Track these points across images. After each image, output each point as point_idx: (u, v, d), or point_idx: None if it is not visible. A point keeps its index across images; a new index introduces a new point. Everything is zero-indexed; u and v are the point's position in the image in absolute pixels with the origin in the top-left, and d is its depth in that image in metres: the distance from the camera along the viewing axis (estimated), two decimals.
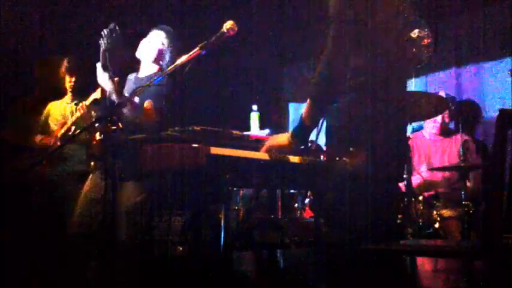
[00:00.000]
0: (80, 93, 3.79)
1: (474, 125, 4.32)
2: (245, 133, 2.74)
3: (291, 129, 2.32)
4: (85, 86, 3.74)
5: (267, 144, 2.37)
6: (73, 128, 3.56)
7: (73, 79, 3.80)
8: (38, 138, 3.74)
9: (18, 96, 4.02)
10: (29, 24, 4.31)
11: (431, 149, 4.22)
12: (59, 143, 3.56)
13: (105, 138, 2.41)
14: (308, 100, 2.16)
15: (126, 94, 3.11)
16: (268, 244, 3.73)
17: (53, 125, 3.79)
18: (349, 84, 2.08)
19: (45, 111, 3.89)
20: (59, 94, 3.91)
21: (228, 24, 2.55)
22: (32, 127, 3.83)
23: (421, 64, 4.77)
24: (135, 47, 3.34)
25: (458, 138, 4.02)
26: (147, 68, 3.29)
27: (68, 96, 3.88)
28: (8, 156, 3.78)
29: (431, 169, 4.06)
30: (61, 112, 3.83)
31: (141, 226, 3.10)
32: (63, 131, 3.60)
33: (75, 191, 3.31)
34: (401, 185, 3.60)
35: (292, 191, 4.08)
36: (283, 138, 2.29)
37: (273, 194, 4.09)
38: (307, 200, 4.21)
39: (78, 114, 3.54)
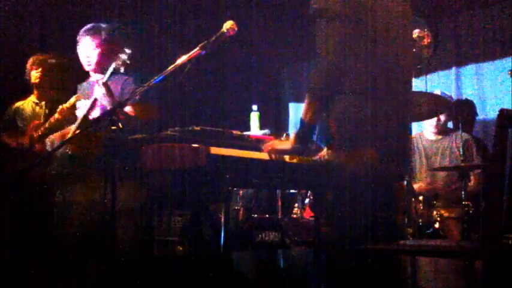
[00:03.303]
0: (45, 91, 3.75)
1: (472, 122, 4.33)
2: (245, 133, 2.74)
3: (290, 129, 2.32)
4: (50, 82, 3.72)
5: (270, 145, 2.39)
6: (47, 130, 3.50)
7: (38, 74, 3.75)
8: (12, 139, 3.68)
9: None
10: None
11: (432, 149, 4.22)
12: (37, 145, 3.52)
13: (105, 138, 2.42)
14: (306, 98, 2.17)
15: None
16: (268, 244, 3.74)
17: (22, 124, 3.74)
18: (351, 84, 2.08)
19: (11, 111, 3.82)
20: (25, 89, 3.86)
21: (228, 24, 2.55)
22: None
23: (421, 64, 4.78)
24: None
25: (458, 137, 4.01)
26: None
27: (34, 95, 3.82)
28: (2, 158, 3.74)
29: (432, 169, 4.06)
30: (30, 112, 3.77)
31: (141, 226, 3.10)
32: (40, 132, 3.54)
33: (64, 193, 3.29)
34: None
35: (292, 191, 4.09)
36: (287, 143, 2.32)
37: (273, 194, 4.10)
38: (307, 200, 4.22)
39: (57, 116, 3.47)
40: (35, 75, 3.73)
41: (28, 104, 3.79)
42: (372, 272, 1.98)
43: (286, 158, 2.47)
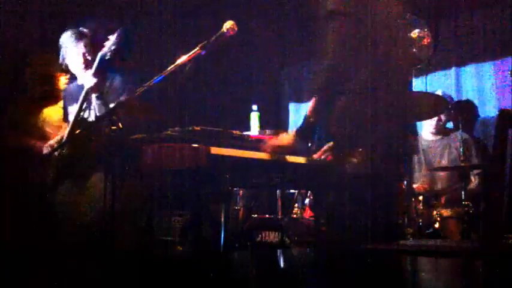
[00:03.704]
0: None
1: (472, 123, 4.33)
2: (245, 133, 2.74)
3: (290, 129, 2.32)
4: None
5: (271, 144, 2.38)
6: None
7: (67, 80, 3.75)
8: (38, 143, 3.66)
9: (16, 97, 3.95)
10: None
11: (431, 149, 4.22)
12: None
13: (105, 138, 2.42)
14: (314, 96, 2.16)
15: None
16: (268, 244, 3.73)
17: (49, 130, 3.73)
18: (350, 84, 2.09)
19: (42, 116, 3.81)
20: (51, 96, 3.84)
21: (228, 24, 2.55)
22: (30, 130, 3.77)
23: (421, 64, 4.78)
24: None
25: (458, 137, 4.02)
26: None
27: (62, 100, 3.80)
28: (7, 158, 3.74)
29: (432, 169, 4.06)
30: (58, 116, 3.77)
31: (141, 226, 3.10)
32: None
33: (64, 193, 3.29)
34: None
35: (292, 191, 4.08)
36: (288, 138, 2.30)
37: (273, 194, 4.09)
38: (307, 200, 4.21)
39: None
40: (65, 81, 3.75)
41: (55, 110, 3.78)
42: (372, 272, 1.98)
43: (290, 158, 2.47)
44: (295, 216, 4.08)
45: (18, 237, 3.45)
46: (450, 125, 4.34)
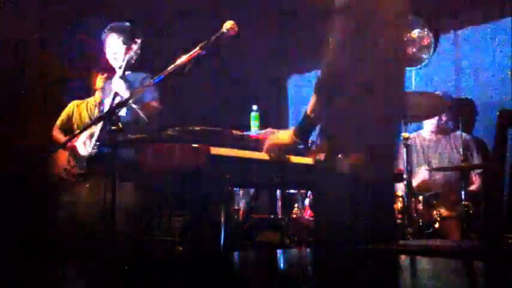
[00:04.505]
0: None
1: (473, 123, 4.33)
2: (245, 133, 2.74)
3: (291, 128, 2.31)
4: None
5: (268, 142, 2.37)
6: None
7: (104, 79, 3.78)
8: (62, 137, 3.66)
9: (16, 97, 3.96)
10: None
11: (431, 149, 4.22)
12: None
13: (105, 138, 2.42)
14: (313, 94, 2.15)
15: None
16: (268, 244, 3.73)
17: (77, 125, 3.74)
18: (350, 84, 2.08)
19: (68, 110, 3.83)
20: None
21: (228, 24, 2.55)
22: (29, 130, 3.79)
23: (421, 64, 4.78)
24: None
25: (458, 137, 4.02)
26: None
27: (97, 96, 3.82)
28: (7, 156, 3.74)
29: (431, 169, 4.06)
30: (88, 114, 3.78)
31: (141, 226, 3.10)
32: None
33: (71, 192, 3.30)
34: (402, 185, 3.59)
35: (292, 191, 4.09)
36: (284, 136, 2.28)
37: (273, 194, 4.10)
38: (307, 200, 4.22)
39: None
40: (102, 79, 3.77)
41: (87, 105, 3.79)
42: (372, 272, 1.98)
43: (290, 158, 2.46)
44: (295, 216, 4.08)
45: (18, 237, 3.45)
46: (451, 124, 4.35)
